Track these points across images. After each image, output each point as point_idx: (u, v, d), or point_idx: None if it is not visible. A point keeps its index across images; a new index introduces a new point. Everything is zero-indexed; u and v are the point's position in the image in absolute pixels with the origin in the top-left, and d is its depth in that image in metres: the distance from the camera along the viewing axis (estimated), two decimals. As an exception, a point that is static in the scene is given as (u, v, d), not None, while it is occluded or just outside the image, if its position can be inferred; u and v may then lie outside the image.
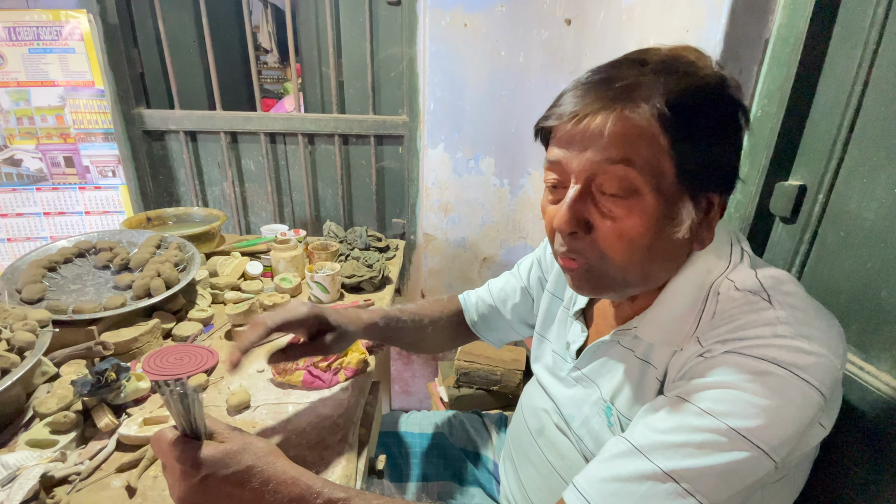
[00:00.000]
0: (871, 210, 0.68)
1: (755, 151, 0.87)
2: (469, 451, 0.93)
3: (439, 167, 1.63)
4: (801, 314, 0.47)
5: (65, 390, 0.67)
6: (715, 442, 0.43)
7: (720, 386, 0.45)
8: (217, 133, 1.62)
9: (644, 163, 0.47)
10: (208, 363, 0.79)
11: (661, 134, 0.47)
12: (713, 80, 0.49)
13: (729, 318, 0.49)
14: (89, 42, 1.42)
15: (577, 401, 0.66)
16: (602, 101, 0.48)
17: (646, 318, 0.57)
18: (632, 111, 0.47)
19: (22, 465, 0.56)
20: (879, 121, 0.67)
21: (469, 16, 1.45)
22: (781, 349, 0.44)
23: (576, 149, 0.50)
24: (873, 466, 0.64)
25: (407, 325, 0.82)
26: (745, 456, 0.43)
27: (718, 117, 0.49)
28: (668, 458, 0.44)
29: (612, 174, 0.48)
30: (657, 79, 0.47)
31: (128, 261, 0.95)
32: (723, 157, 0.51)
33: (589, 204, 0.51)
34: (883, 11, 0.66)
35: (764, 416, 0.43)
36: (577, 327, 0.69)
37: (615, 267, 0.52)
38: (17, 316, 0.71)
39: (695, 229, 0.52)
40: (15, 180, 1.52)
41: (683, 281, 0.54)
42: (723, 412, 0.44)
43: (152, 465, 0.60)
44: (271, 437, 0.66)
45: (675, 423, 0.45)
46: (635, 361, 0.58)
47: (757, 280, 0.51)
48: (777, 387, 0.43)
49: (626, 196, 0.49)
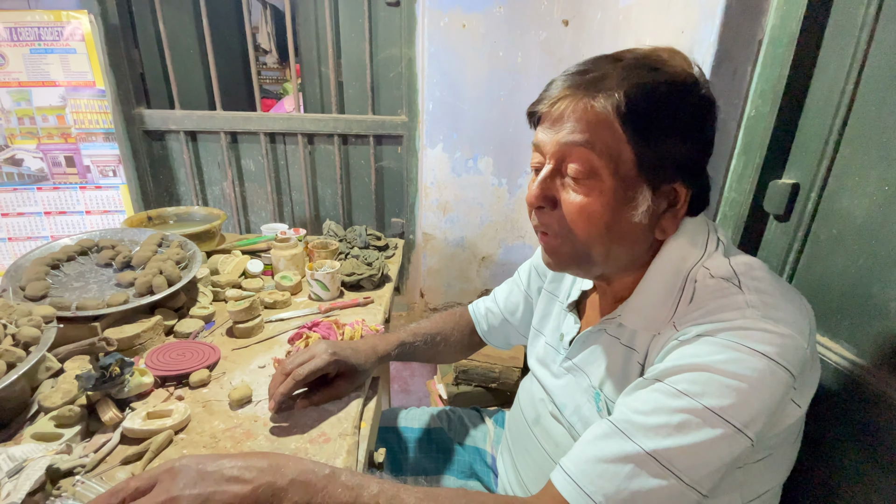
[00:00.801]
0: (862, 208, 0.69)
1: (749, 150, 0.88)
2: (468, 445, 0.94)
3: (438, 167, 1.64)
4: (769, 297, 0.50)
5: (69, 385, 0.67)
6: (691, 421, 0.46)
7: (694, 368, 0.47)
8: (217, 133, 1.63)
9: (604, 147, 0.52)
10: (210, 359, 0.80)
11: (618, 123, 0.51)
12: (679, 77, 0.52)
13: (702, 304, 0.52)
14: (90, 42, 1.43)
15: (568, 390, 0.68)
16: (572, 89, 0.53)
17: (628, 306, 0.60)
18: (594, 100, 0.52)
19: (28, 457, 0.57)
20: (870, 120, 0.68)
21: (467, 17, 1.46)
22: (749, 331, 0.47)
23: (550, 131, 0.56)
24: (865, 459, 0.65)
25: (420, 348, 0.88)
26: (720, 433, 0.45)
27: (680, 113, 0.52)
28: (648, 439, 0.47)
29: (575, 155, 0.53)
30: (624, 73, 0.52)
31: (130, 259, 0.95)
32: (684, 152, 0.54)
33: (557, 183, 0.56)
34: (874, 13, 0.68)
35: (735, 394, 0.45)
36: (571, 319, 0.73)
37: (579, 242, 0.56)
38: (21, 312, 0.71)
39: (656, 217, 0.56)
40: (16, 180, 1.53)
41: (660, 268, 0.58)
42: (697, 393, 0.46)
43: (156, 457, 0.61)
44: (273, 430, 0.67)
45: (653, 405, 0.48)
46: (621, 348, 0.61)
47: (730, 267, 0.54)
48: (746, 367, 0.46)
49: (587, 177, 0.53)
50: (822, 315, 0.75)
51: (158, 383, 0.75)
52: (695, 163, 0.55)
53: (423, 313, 1.87)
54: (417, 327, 0.91)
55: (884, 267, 0.65)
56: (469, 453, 0.93)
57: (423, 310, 1.86)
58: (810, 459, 0.73)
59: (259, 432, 0.66)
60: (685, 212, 0.57)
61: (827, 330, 0.74)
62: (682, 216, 0.57)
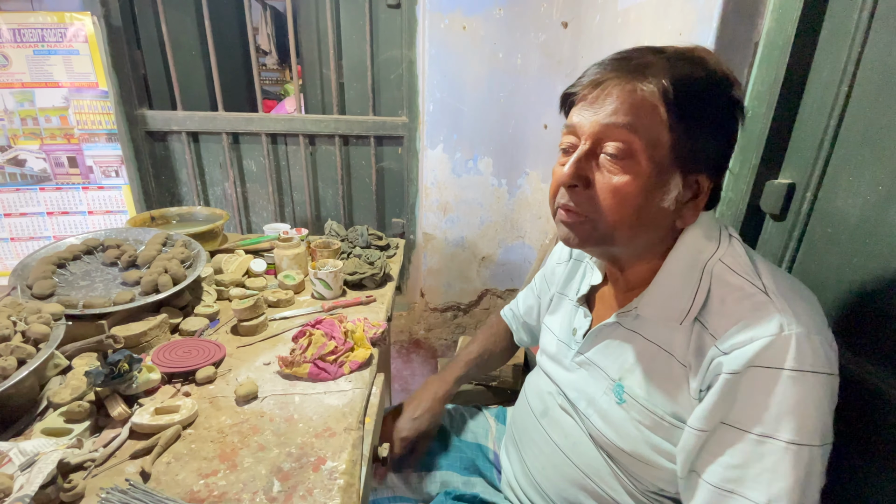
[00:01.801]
0: (856, 207, 0.71)
1: (746, 151, 0.90)
2: (470, 441, 0.95)
3: (438, 167, 1.66)
4: (794, 302, 0.53)
5: (78, 381, 0.68)
6: (783, 460, 0.48)
7: (758, 406, 0.50)
8: (219, 134, 1.65)
9: (645, 131, 0.54)
10: (216, 356, 0.81)
11: (662, 108, 0.53)
12: (719, 74, 0.55)
13: (735, 313, 0.53)
14: (93, 44, 1.44)
15: (581, 384, 0.70)
16: (618, 72, 0.55)
17: (644, 298, 0.62)
18: (641, 83, 0.54)
19: (40, 451, 0.58)
20: (864, 121, 0.70)
21: (468, 19, 1.48)
22: (792, 352, 0.49)
23: (590, 112, 0.57)
24: (860, 456, 0.66)
25: (472, 372, 1.00)
26: (807, 459, 0.48)
27: (717, 108, 0.55)
28: (754, 490, 0.49)
29: (615, 136, 0.55)
30: (669, 63, 0.54)
31: (135, 258, 0.97)
32: (716, 144, 0.57)
33: (592, 163, 0.58)
34: (867, 16, 0.69)
35: (802, 418, 0.48)
36: (581, 313, 0.75)
37: (606, 222, 0.58)
38: (31, 310, 0.72)
39: (680, 205, 0.58)
40: (19, 180, 1.54)
41: (676, 260, 0.60)
42: (773, 431, 0.49)
43: (165, 451, 0.62)
44: (279, 425, 0.68)
45: (743, 457, 0.50)
46: (644, 343, 0.63)
47: (749, 263, 0.56)
48: (803, 389, 0.48)
49: (624, 157, 0.55)
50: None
51: (165, 380, 0.76)
52: (721, 157, 0.58)
53: (424, 313, 1.88)
54: (467, 355, 1.01)
55: (878, 265, 0.67)
56: (471, 449, 0.94)
57: (423, 309, 1.88)
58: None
59: (265, 427, 0.67)
60: (705, 203, 0.59)
61: (822, 327, 0.76)
62: (702, 208, 0.60)
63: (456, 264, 1.81)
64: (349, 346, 0.83)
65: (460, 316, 1.91)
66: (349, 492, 0.58)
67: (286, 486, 0.57)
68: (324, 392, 0.75)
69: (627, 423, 0.63)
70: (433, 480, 0.88)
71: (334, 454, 0.63)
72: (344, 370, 0.80)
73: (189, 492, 0.56)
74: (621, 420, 0.63)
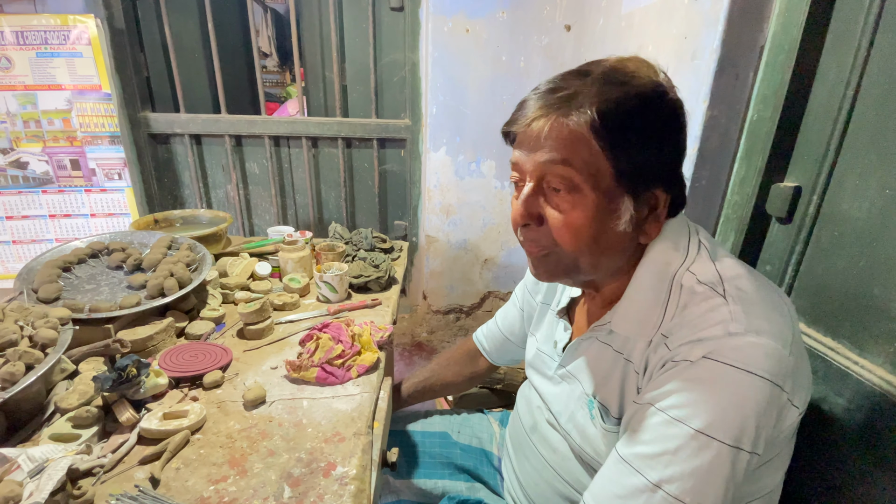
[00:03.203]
0: (863, 210, 0.71)
1: (751, 154, 0.90)
2: (474, 447, 0.95)
3: (441, 170, 1.66)
4: (753, 306, 0.52)
5: (86, 386, 0.68)
6: (687, 446, 0.48)
7: (682, 391, 0.49)
8: (221, 136, 1.64)
9: (582, 164, 0.53)
10: (223, 360, 0.80)
11: (593, 139, 0.52)
12: (647, 88, 0.53)
13: (689, 315, 0.53)
14: (96, 46, 1.44)
15: (563, 398, 0.70)
16: (545, 109, 0.54)
17: (617, 313, 0.61)
18: (567, 118, 0.53)
19: (49, 457, 0.57)
20: (871, 125, 0.70)
21: (471, 22, 1.48)
22: (733, 350, 0.48)
23: (528, 151, 0.57)
24: (868, 458, 0.66)
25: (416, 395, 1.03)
26: (715, 453, 0.47)
27: (652, 122, 0.54)
28: (652, 469, 0.49)
29: (555, 173, 0.54)
30: (593, 89, 0.52)
31: (140, 261, 0.96)
32: (660, 158, 0.55)
33: (540, 199, 0.57)
34: (874, 20, 0.70)
35: (719, 412, 0.47)
36: (562, 326, 0.74)
37: (566, 254, 0.58)
38: (37, 314, 0.72)
39: (639, 223, 0.57)
40: (21, 183, 1.54)
41: (644, 274, 0.59)
42: (687, 416, 0.48)
43: (174, 456, 0.62)
44: (288, 430, 0.68)
45: (652, 434, 0.50)
46: (612, 354, 0.62)
47: (716, 272, 0.55)
48: (730, 385, 0.47)
49: (569, 192, 0.55)
50: (823, 316, 0.77)
51: (173, 384, 0.76)
52: (670, 168, 0.57)
53: (426, 315, 1.88)
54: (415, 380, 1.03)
55: (884, 269, 0.67)
56: (475, 455, 0.93)
57: (426, 312, 1.88)
58: (814, 459, 0.74)
59: (274, 432, 0.67)
60: (666, 214, 0.58)
61: (829, 331, 0.76)
62: (664, 219, 0.59)
63: (458, 266, 1.81)
64: (356, 350, 0.83)
65: (463, 318, 1.91)
66: (360, 497, 0.58)
67: (297, 492, 0.57)
68: (332, 396, 0.75)
69: (599, 440, 0.62)
70: (437, 485, 0.88)
71: (344, 459, 0.62)
72: (352, 374, 0.80)
73: (199, 498, 0.56)
74: (594, 436, 0.63)
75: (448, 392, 1.09)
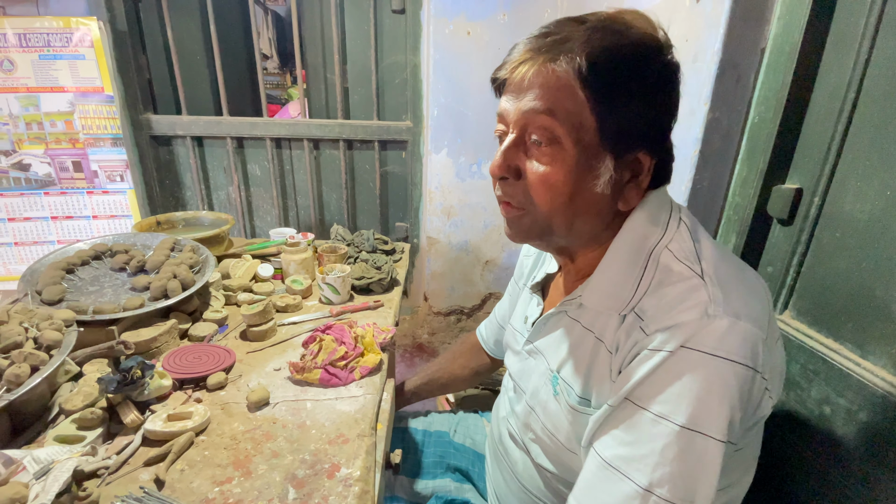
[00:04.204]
0: (864, 212, 0.71)
1: (753, 156, 0.90)
2: (468, 447, 0.95)
3: (442, 171, 1.66)
4: (732, 289, 0.49)
5: (90, 388, 0.68)
6: (673, 444, 0.46)
7: (662, 385, 0.47)
8: (223, 138, 1.65)
9: (565, 114, 0.51)
10: (226, 362, 0.81)
11: (580, 88, 0.50)
12: (643, 40, 0.51)
13: (665, 294, 0.50)
14: (99, 49, 1.44)
15: (527, 373, 0.69)
16: (533, 52, 0.52)
17: (589, 286, 0.59)
18: (554, 62, 0.50)
19: (54, 459, 0.58)
20: (872, 127, 0.71)
21: (472, 24, 1.49)
22: (711, 336, 0.46)
23: (513, 98, 0.55)
24: (871, 459, 0.66)
25: (424, 389, 1.02)
26: (700, 449, 0.45)
27: (642, 77, 0.51)
28: (640, 472, 0.47)
29: (537, 124, 0.52)
30: (585, 35, 0.50)
31: (143, 263, 0.97)
32: (648, 118, 0.52)
33: (521, 152, 0.56)
34: (874, 22, 0.70)
35: (704, 405, 0.45)
36: (535, 301, 0.73)
37: (541, 213, 0.55)
38: (42, 316, 0.72)
39: (619, 187, 0.55)
40: (23, 185, 1.54)
41: (620, 246, 0.57)
42: (670, 412, 0.46)
43: (179, 458, 0.62)
44: (292, 431, 0.68)
45: (636, 433, 0.48)
46: (581, 331, 0.60)
47: (694, 251, 0.53)
48: (711, 375, 0.45)
49: (549, 144, 0.52)
50: (825, 317, 0.77)
51: (176, 386, 0.76)
52: (658, 130, 0.54)
53: (427, 317, 1.88)
54: (422, 374, 1.03)
55: (886, 270, 0.67)
56: (468, 456, 0.93)
57: (427, 313, 1.88)
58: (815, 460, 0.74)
59: (278, 434, 0.67)
60: (648, 183, 0.56)
61: (831, 332, 0.76)
62: (646, 187, 0.56)
63: (459, 268, 1.81)
64: (359, 352, 0.83)
65: (464, 320, 1.91)
66: (364, 499, 0.58)
67: (301, 494, 0.57)
68: (335, 398, 0.76)
69: (561, 416, 0.60)
70: (427, 484, 0.88)
71: (348, 461, 0.63)
72: (355, 376, 0.80)
73: (204, 499, 0.56)
74: (556, 412, 0.61)
75: (455, 386, 1.07)
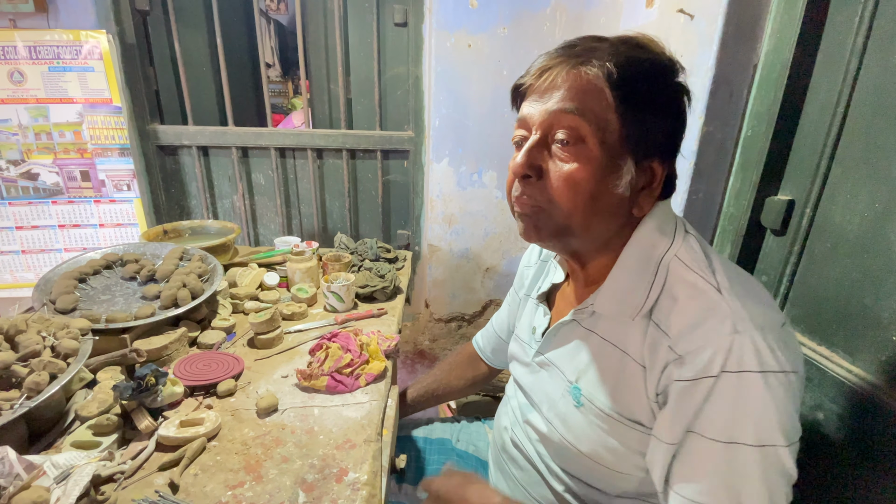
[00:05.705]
0: (854, 223, 0.74)
1: (746, 168, 0.93)
2: (470, 454, 0.97)
3: (444, 180, 1.69)
4: (748, 297, 0.52)
5: (105, 395, 0.70)
6: (750, 464, 0.48)
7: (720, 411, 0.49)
8: (228, 148, 1.68)
9: (593, 115, 0.55)
10: (235, 369, 0.83)
11: (608, 90, 0.54)
12: (662, 59, 0.57)
13: (689, 316, 0.52)
14: (108, 61, 1.47)
15: (541, 385, 0.70)
16: (562, 58, 0.57)
17: (600, 294, 0.62)
18: (585, 67, 0.55)
19: (73, 464, 0.60)
20: (861, 141, 0.73)
21: (473, 37, 1.52)
22: (748, 353, 0.48)
23: (538, 101, 0.58)
24: (863, 464, 0.68)
25: (422, 402, 1.03)
26: (775, 460, 0.48)
27: (662, 91, 0.56)
28: (730, 498, 0.49)
29: (564, 122, 0.56)
30: (613, 48, 0.56)
31: (153, 272, 0.99)
32: (665, 129, 0.58)
33: (544, 152, 0.58)
34: (862, 41, 0.73)
35: (766, 420, 0.48)
36: (541, 311, 0.75)
37: (560, 211, 0.58)
38: (58, 325, 0.75)
39: (635, 192, 0.59)
40: (31, 194, 1.56)
41: (631, 253, 0.60)
42: (740, 435, 0.48)
43: (192, 463, 0.64)
44: (301, 437, 0.70)
45: (714, 465, 0.50)
46: (600, 342, 0.62)
47: (705, 260, 0.56)
48: (758, 391, 0.48)
49: (574, 143, 0.56)
50: (818, 326, 0.80)
51: (188, 393, 0.78)
52: (672, 141, 0.59)
53: (428, 324, 1.90)
54: (420, 386, 1.04)
55: (875, 279, 0.70)
56: (471, 463, 0.95)
57: (428, 320, 1.90)
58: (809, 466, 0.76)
59: (287, 439, 0.69)
60: (660, 192, 0.60)
61: (823, 340, 0.78)
62: (657, 196, 0.60)
63: (460, 275, 1.83)
64: (364, 359, 0.86)
65: (465, 326, 1.93)
66: (372, 502, 0.60)
67: (311, 497, 0.59)
68: (342, 404, 0.78)
69: (586, 427, 0.62)
70: None
71: (356, 465, 0.65)
72: (360, 383, 0.82)
73: (218, 503, 0.58)
74: (579, 423, 0.62)
75: (452, 396, 1.09)
